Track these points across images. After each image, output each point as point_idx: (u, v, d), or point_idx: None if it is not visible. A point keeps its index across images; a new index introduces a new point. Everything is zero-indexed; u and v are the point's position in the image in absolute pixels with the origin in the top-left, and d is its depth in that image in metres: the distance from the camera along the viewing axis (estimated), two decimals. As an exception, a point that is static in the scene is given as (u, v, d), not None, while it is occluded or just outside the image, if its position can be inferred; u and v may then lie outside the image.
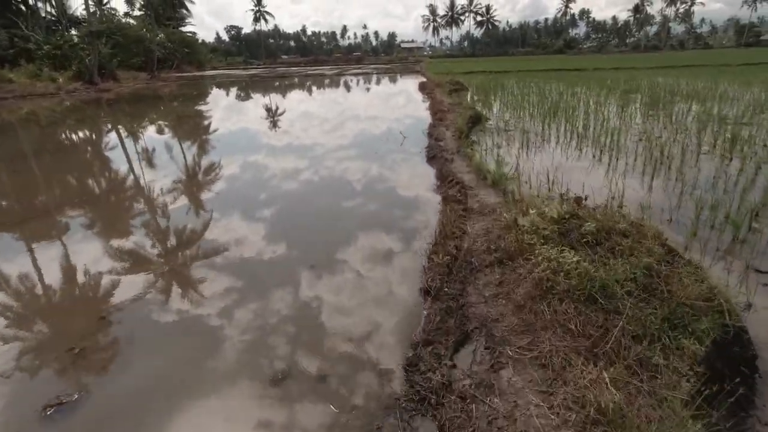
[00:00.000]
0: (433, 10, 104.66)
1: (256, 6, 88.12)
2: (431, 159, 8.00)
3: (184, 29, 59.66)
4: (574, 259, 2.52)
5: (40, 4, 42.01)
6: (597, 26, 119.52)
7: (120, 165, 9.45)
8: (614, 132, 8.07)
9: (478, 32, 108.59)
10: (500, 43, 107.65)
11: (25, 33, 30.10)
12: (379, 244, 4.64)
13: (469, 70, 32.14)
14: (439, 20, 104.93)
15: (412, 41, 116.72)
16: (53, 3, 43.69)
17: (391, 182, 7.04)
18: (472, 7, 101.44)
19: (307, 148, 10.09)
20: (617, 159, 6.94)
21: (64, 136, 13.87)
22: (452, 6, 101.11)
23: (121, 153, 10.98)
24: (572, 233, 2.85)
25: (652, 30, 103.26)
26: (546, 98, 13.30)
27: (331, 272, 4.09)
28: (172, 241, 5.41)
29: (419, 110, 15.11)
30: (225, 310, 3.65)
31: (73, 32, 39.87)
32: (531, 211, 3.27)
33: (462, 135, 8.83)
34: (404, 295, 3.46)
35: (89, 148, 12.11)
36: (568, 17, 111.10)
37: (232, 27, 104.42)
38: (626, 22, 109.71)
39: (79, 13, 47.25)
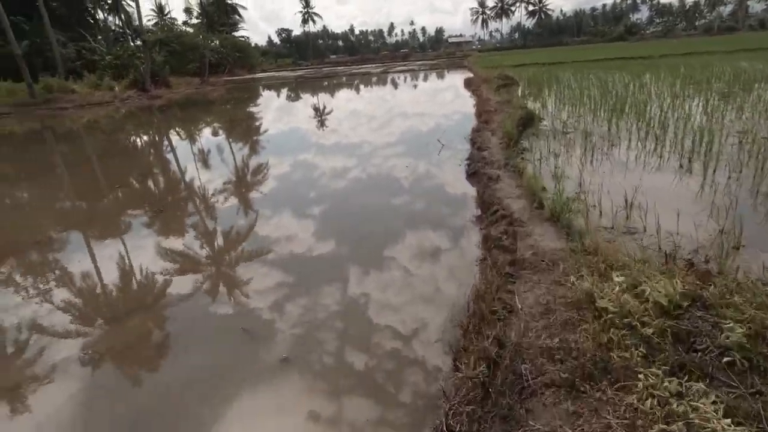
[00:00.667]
0: (482, 2, 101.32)
1: (304, 8, 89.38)
2: (472, 176, 6.79)
3: (236, 34, 61.70)
4: (715, 410, 1.35)
5: (109, 18, 44.65)
6: (662, 9, 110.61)
7: (176, 167, 10.27)
8: (703, 132, 6.48)
9: (529, 22, 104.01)
10: (553, 32, 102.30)
11: (92, 45, 31.62)
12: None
13: (519, 63, 30.13)
14: (488, 12, 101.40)
15: (460, 35, 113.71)
16: (121, 16, 46.06)
17: (414, 219, 6.07)
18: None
19: (354, 147, 10.63)
20: (714, 169, 5.44)
21: (121, 141, 14.53)
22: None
23: (177, 155, 11.71)
24: (700, 340, 1.68)
25: (726, 10, 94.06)
26: (609, 92, 11.54)
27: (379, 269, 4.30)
28: (228, 236, 5.68)
29: (464, 107, 14.13)
30: (276, 304, 3.85)
31: (137, 42, 41.94)
32: (615, 277, 2.13)
33: (511, 142, 7.50)
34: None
35: (149, 152, 12.74)
36: (629, 1, 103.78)
37: (283, 30, 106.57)
38: (695, 3, 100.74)
39: (145, 24, 49.89)
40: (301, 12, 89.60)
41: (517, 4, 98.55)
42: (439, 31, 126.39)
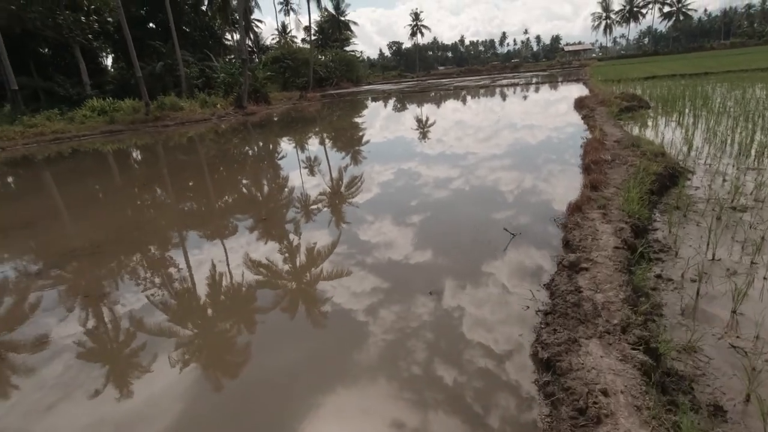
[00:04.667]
0: (606, 5, 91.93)
1: (414, 21, 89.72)
2: (555, 357, 2.92)
3: (347, 49, 65.04)
4: None
5: (236, 36, 49.27)
6: None
7: (279, 177, 10.93)
8: None
9: (663, 26, 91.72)
10: (693, 36, 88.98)
11: (212, 64, 34.09)
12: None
13: (649, 74, 25.47)
14: (613, 16, 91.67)
15: (579, 43, 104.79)
16: (250, 36, 50.54)
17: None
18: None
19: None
20: None
21: (220, 155, 15.97)
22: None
23: (280, 165, 12.78)
24: None
25: None
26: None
27: (475, 285, 4.22)
28: (326, 241, 5.89)
29: (566, 148, 9.87)
30: (371, 308, 4.00)
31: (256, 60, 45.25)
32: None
33: (636, 238, 4.47)
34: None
35: (259, 164, 13.93)
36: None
37: (394, 43, 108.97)
38: None
39: (268, 43, 53.94)
40: (410, 25, 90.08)
41: (650, 6, 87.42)
42: (555, 39, 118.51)
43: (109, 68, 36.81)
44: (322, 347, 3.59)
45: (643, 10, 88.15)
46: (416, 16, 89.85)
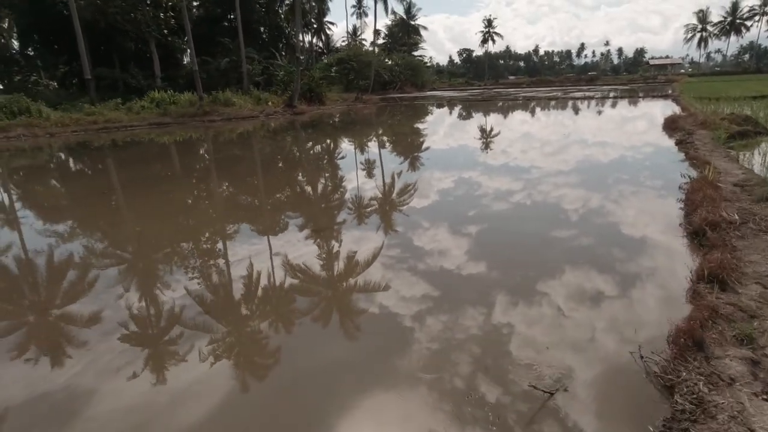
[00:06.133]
0: (703, 16, 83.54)
1: (485, 27, 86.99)
2: None
3: (416, 53, 64.72)
4: None
5: (308, 38, 50.37)
6: None
7: (331, 177, 11.07)
8: None
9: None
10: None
11: (277, 62, 34.43)
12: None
13: (757, 93, 21.76)
14: (710, 29, 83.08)
15: (666, 57, 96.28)
16: (322, 38, 52.19)
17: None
18: None
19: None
20: None
21: (246, 155, 16.46)
22: (734, 9, 78.48)
23: (329, 167, 13.05)
24: None
25: None
26: None
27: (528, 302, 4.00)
28: (378, 243, 5.86)
29: (654, 198, 7.10)
30: (419, 315, 3.93)
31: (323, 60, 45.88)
32: None
33: None
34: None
35: (308, 164, 14.27)
36: None
37: (464, 50, 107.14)
38: None
39: (338, 45, 55.14)
40: (482, 32, 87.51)
41: (756, 18, 78.22)
42: (639, 52, 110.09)
43: (184, 62, 38.13)
44: (364, 349, 3.63)
45: (748, 23, 79.14)
46: (489, 23, 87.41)
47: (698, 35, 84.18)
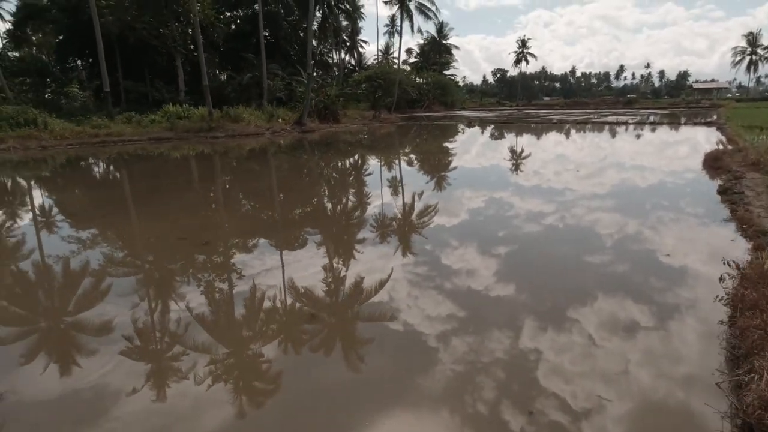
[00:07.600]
0: (753, 39, 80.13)
1: (519, 48, 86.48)
2: None
3: (447, 72, 64.37)
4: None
5: (341, 56, 51.15)
6: None
7: (350, 194, 11.26)
8: None
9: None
10: None
11: (299, 79, 34.82)
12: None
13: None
14: (761, 52, 79.63)
15: (712, 80, 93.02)
16: (354, 55, 54.16)
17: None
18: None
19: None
20: None
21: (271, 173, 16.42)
22: (786, 33, 75.23)
23: (344, 185, 13.07)
24: None
25: None
26: None
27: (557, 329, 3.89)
28: (403, 261, 5.87)
29: (688, 279, 4.96)
30: (444, 334, 3.87)
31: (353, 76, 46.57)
32: None
33: None
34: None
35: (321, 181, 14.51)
36: None
37: (498, 70, 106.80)
38: None
39: (370, 63, 55.98)
40: (515, 52, 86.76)
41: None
42: (682, 76, 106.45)
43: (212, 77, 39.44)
44: (386, 367, 3.61)
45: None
46: (523, 44, 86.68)
47: (747, 58, 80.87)
